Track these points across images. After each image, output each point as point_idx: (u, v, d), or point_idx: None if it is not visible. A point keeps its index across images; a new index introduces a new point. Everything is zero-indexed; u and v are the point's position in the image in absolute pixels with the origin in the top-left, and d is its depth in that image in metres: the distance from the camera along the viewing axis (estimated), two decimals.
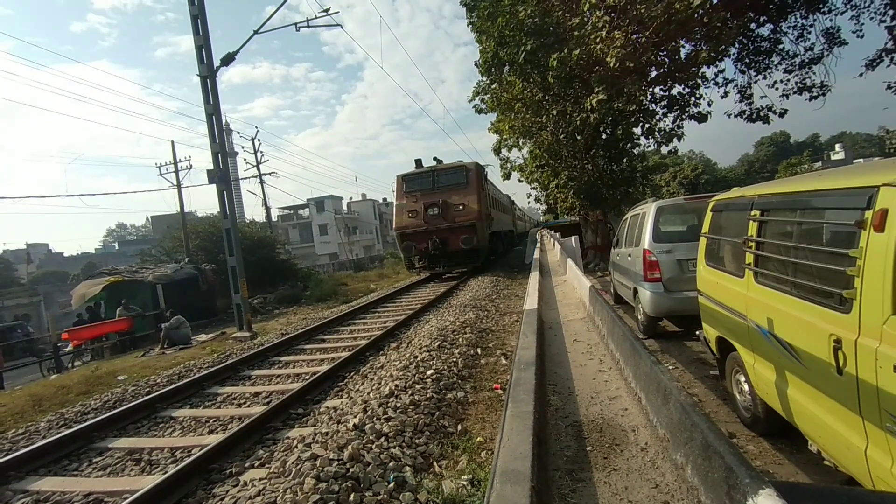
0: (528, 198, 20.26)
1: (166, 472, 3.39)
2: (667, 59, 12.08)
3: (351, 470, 2.87)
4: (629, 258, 6.83)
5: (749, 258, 3.03)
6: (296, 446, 3.45)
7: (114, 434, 4.40)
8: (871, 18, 12.30)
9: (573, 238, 13.01)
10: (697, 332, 4.35)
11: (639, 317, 6.51)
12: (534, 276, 7.31)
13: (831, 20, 12.60)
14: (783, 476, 2.82)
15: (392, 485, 2.77)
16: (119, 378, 7.31)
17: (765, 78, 13.70)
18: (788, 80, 13.50)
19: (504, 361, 5.37)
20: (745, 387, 3.37)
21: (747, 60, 13.60)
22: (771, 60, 13.47)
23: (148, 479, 3.25)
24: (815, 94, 13.15)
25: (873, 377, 1.81)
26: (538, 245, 16.09)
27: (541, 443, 1.94)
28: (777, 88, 13.66)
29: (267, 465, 3.31)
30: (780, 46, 13.31)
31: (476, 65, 14.24)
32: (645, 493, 1.79)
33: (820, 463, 2.87)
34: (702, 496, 1.55)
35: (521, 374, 2.57)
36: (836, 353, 2.05)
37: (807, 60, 13.07)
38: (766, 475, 2.38)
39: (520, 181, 18.45)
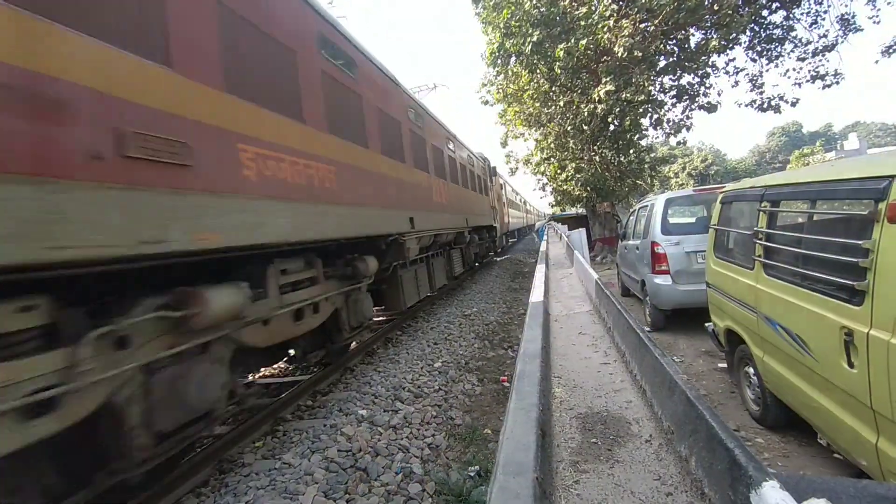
0: (537, 185, 19.68)
1: None
2: (676, 48, 11.91)
3: (359, 461, 2.90)
4: (637, 250, 6.78)
5: (759, 250, 2.99)
6: (305, 438, 3.49)
7: None
8: (889, 3, 11.98)
9: (580, 230, 12.91)
10: (706, 325, 4.33)
11: (646, 309, 6.48)
12: (540, 269, 7.29)
13: (846, 6, 12.32)
14: (791, 469, 2.81)
15: (400, 476, 2.81)
16: None
17: (777, 66, 13.45)
18: (801, 69, 13.25)
19: (511, 354, 5.38)
20: (754, 379, 3.35)
21: (759, 48, 13.33)
22: (783, 48, 13.20)
23: None
24: (828, 82, 12.88)
25: (885, 370, 1.79)
26: (545, 239, 15.95)
27: (545, 434, 1.95)
28: (789, 77, 13.41)
29: (277, 457, 3.35)
30: (793, 34, 13.04)
31: (482, 57, 14.10)
32: (648, 485, 1.79)
33: (829, 456, 2.85)
34: (705, 488, 1.55)
35: (525, 366, 2.57)
36: (847, 345, 2.02)
37: (820, 48, 12.79)
38: (773, 468, 2.36)
39: (525, 174, 18.28)
